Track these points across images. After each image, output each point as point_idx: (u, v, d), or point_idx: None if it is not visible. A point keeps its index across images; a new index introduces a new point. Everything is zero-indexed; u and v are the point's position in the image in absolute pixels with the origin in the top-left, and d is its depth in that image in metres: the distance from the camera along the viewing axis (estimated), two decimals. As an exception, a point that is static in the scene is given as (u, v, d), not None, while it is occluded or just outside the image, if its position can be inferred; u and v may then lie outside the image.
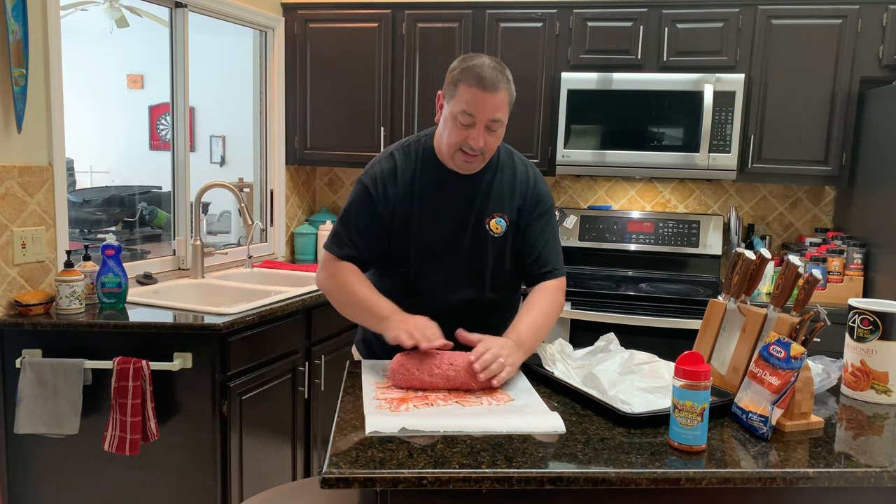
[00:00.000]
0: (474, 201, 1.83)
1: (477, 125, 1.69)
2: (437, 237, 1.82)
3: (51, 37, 2.39)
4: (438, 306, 1.79)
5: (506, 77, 1.71)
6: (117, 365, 2.20)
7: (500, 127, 1.73)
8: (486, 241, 1.83)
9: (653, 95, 3.24)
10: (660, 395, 1.49)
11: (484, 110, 1.68)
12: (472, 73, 1.67)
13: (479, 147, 1.71)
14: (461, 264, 1.83)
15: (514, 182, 1.86)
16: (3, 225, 2.28)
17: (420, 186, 1.82)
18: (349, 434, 1.33)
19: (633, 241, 3.60)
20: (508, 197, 1.85)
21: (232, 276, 3.19)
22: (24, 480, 2.37)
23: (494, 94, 1.67)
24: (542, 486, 1.19)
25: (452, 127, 1.72)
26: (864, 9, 3.09)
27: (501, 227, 1.83)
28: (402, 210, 1.81)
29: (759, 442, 1.35)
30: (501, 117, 1.71)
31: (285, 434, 2.74)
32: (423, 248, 1.82)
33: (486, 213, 1.83)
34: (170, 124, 3.20)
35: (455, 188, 1.82)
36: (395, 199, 1.81)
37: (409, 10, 3.51)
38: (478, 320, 1.79)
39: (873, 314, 1.61)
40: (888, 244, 2.92)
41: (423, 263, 1.83)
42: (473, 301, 1.85)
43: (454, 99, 1.70)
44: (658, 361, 1.65)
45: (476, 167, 1.80)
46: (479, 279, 1.85)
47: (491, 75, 1.67)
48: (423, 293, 1.83)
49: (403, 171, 1.82)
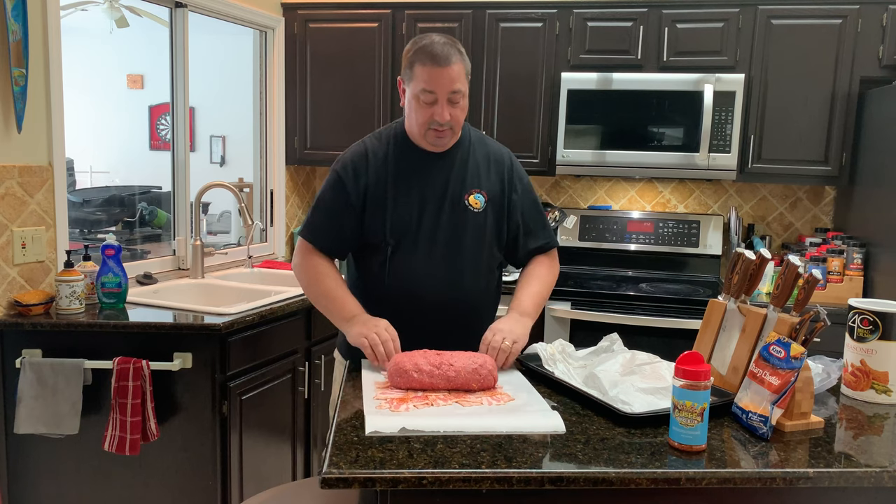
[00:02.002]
0: (450, 178, 1.86)
1: (439, 101, 1.75)
2: (412, 214, 1.84)
3: (51, 37, 2.39)
4: (417, 289, 1.81)
5: (457, 50, 1.77)
6: (117, 365, 2.20)
7: (462, 98, 1.79)
8: (465, 216, 1.85)
9: (653, 95, 3.24)
10: (660, 395, 1.49)
11: (442, 84, 1.73)
12: (424, 52, 1.74)
13: (445, 121, 1.77)
14: (440, 241, 1.84)
15: (489, 159, 1.91)
16: (3, 225, 2.28)
17: (393, 166, 1.86)
18: (349, 434, 1.33)
19: (633, 241, 3.60)
20: (485, 173, 1.89)
21: (232, 276, 3.19)
22: (24, 480, 2.37)
23: (448, 66, 1.73)
24: (542, 486, 1.19)
25: (417, 107, 1.78)
26: (864, 9, 3.09)
27: (480, 202, 1.87)
28: (375, 190, 1.84)
29: (759, 442, 1.35)
30: (460, 88, 1.76)
31: (285, 434, 2.74)
32: (398, 226, 1.83)
33: (464, 189, 1.86)
34: (170, 124, 3.20)
35: (429, 166, 1.86)
36: (368, 181, 1.84)
37: (409, 10, 3.51)
38: (457, 304, 1.83)
39: (873, 314, 1.61)
40: (888, 244, 2.92)
41: (400, 241, 1.83)
42: (453, 282, 1.85)
43: (413, 80, 1.77)
44: (660, 362, 1.64)
45: (448, 142, 1.84)
46: (459, 257, 1.85)
47: (442, 50, 1.73)
48: (402, 275, 1.83)
49: (374, 153, 1.87)
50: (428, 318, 1.81)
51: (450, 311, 1.83)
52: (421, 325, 1.80)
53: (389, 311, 1.79)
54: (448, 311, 1.83)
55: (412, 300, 1.81)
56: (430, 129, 1.79)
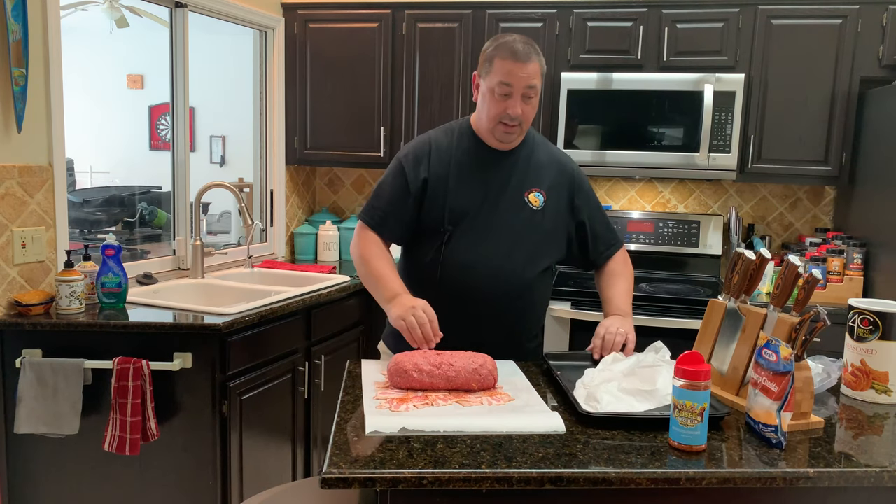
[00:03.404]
0: (512, 173, 1.92)
1: (514, 95, 1.81)
2: (472, 201, 1.89)
3: (51, 37, 2.39)
4: (470, 276, 1.86)
5: (536, 50, 1.84)
6: (117, 365, 2.20)
7: (536, 95, 1.85)
8: (523, 213, 1.90)
9: (653, 95, 3.24)
10: (641, 398, 1.47)
11: (519, 79, 1.79)
12: (505, 48, 1.81)
13: (517, 115, 1.82)
14: (495, 232, 1.89)
15: (553, 162, 1.97)
16: (3, 225, 2.28)
17: (457, 158, 1.92)
18: (349, 434, 1.33)
19: (633, 241, 3.60)
20: (547, 174, 1.95)
21: (232, 276, 3.19)
22: (24, 480, 2.37)
23: (527, 63, 1.79)
24: (542, 486, 1.19)
25: (491, 100, 1.84)
26: (864, 9, 3.09)
27: (540, 200, 1.92)
28: (436, 179, 1.90)
29: (759, 442, 1.35)
30: (536, 84, 1.82)
31: (285, 434, 2.74)
32: (456, 214, 1.88)
33: (524, 185, 1.91)
34: (170, 124, 3.20)
35: (492, 161, 1.92)
36: (429, 170, 1.90)
37: (409, 10, 3.51)
38: (508, 294, 1.87)
39: (873, 314, 1.61)
40: (888, 244, 2.92)
41: (457, 227, 1.88)
42: (506, 272, 1.88)
43: (490, 74, 1.83)
44: (660, 366, 1.61)
45: (515, 139, 1.90)
46: (514, 250, 1.89)
47: (523, 48, 1.81)
48: (456, 262, 1.87)
49: (439, 144, 1.94)
50: (478, 306, 1.86)
51: (500, 301, 1.87)
52: (472, 312, 1.86)
53: (440, 297, 1.84)
54: (498, 300, 1.87)
55: (464, 287, 1.87)
56: (501, 122, 1.84)
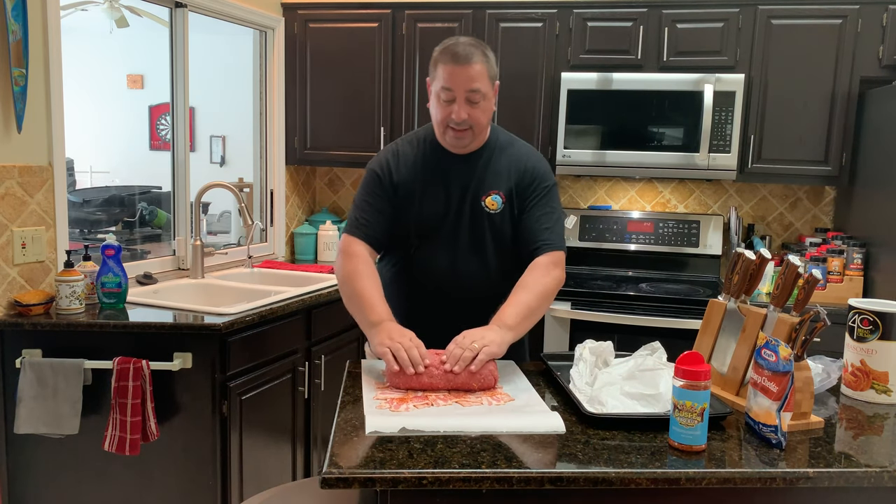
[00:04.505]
0: (471, 179, 1.89)
1: (457, 99, 1.77)
2: (436, 214, 1.88)
3: (51, 37, 2.39)
4: (439, 286, 1.87)
5: (482, 52, 1.78)
6: (117, 365, 2.20)
7: (482, 99, 1.78)
8: (482, 218, 1.88)
9: (653, 95, 3.24)
10: (645, 402, 1.47)
11: (460, 82, 1.75)
12: (447, 52, 1.77)
13: (461, 119, 1.77)
14: (461, 241, 1.88)
15: (513, 162, 1.93)
16: (3, 225, 2.28)
17: (423, 168, 1.90)
18: (349, 434, 1.33)
19: (633, 241, 3.60)
20: (506, 175, 1.90)
21: (232, 276, 3.18)
22: (24, 480, 2.37)
23: (468, 66, 1.74)
24: (542, 486, 1.19)
25: (437, 105, 1.81)
26: (864, 9, 3.09)
27: (497, 203, 1.88)
28: (406, 190, 1.89)
29: (759, 442, 1.35)
30: (479, 88, 1.76)
31: (285, 434, 2.74)
32: (423, 225, 1.88)
33: (482, 190, 1.88)
34: (170, 124, 3.20)
35: (454, 168, 1.89)
36: (399, 180, 1.89)
37: (409, 10, 3.51)
38: (478, 304, 1.85)
39: (873, 314, 1.61)
40: (888, 244, 2.92)
41: (424, 240, 1.88)
42: (474, 280, 1.89)
43: (435, 79, 1.81)
44: (662, 369, 1.60)
45: (467, 143, 1.85)
46: (479, 258, 1.89)
47: (464, 50, 1.75)
48: (427, 272, 1.88)
49: (406, 155, 1.92)
50: (449, 314, 1.83)
51: (471, 308, 1.85)
52: (443, 319, 1.79)
53: (408, 304, 1.85)
54: (469, 307, 1.85)
55: (432, 297, 1.87)
56: (449, 127, 1.81)
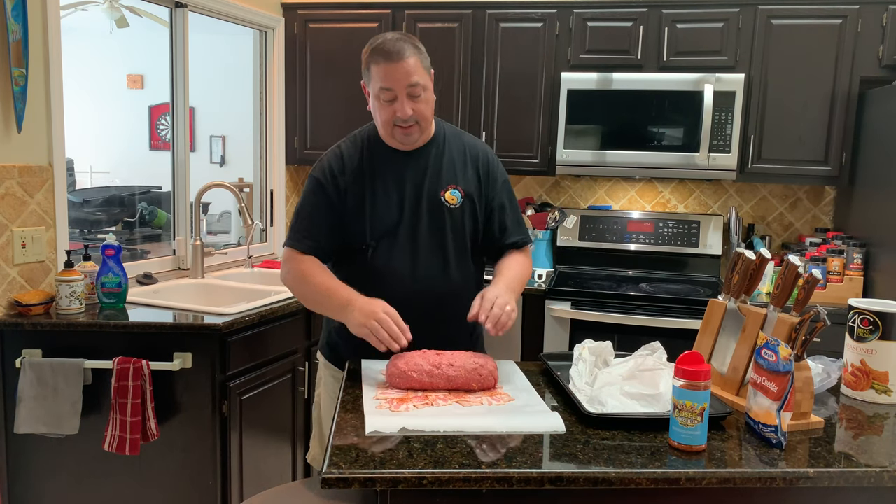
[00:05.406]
0: (426, 175, 1.85)
1: (399, 97, 1.74)
2: (391, 213, 1.83)
3: (51, 37, 2.39)
4: (401, 289, 1.78)
5: (412, 44, 1.76)
6: (117, 365, 2.20)
7: (423, 91, 1.77)
8: (442, 213, 1.84)
9: (653, 95, 3.24)
10: (645, 402, 1.46)
11: (397, 79, 1.73)
12: (377, 51, 1.75)
13: (407, 115, 1.75)
14: (421, 239, 1.83)
15: (465, 154, 1.90)
16: (3, 225, 2.28)
17: (369, 167, 1.85)
18: (349, 434, 1.33)
19: (633, 241, 3.60)
20: (461, 168, 1.88)
21: (232, 276, 3.19)
22: (24, 480, 2.37)
23: (402, 61, 1.72)
24: (542, 486, 1.19)
25: (379, 107, 1.79)
26: (864, 9, 3.09)
27: (457, 198, 1.86)
28: (354, 192, 1.84)
29: (759, 442, 1.35)
30: (418, 81, 1.75)
31: (285, 434, 2.74)
32: (378, 226, 1.82)
33: (440, 185, 1.85)
34: (170, 124, 3.20)
35: (404, 164, 1.86)
36: (346, 183, 1.84)
37: (409, 10, 3.51)
38: (440, 303, 1.81)
39: (873, 314, 1.61)
40: (888, 244, 2.92)
41: (381, 241, 1.82)
42: (436, 279, 1.84)
43: (371, 81, 1.78)
44: (661, 369, 1.60)
45: (416, 138, 1.83)
46: (440, 255, 1.84)
47: (394, 46, 1.73)
48: (385, 275, 1.81)
49: (350, 156, 1.87)
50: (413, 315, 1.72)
51: (434, 307, 1.80)
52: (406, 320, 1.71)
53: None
54: (433, 306, 1.80)
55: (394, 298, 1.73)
56: (396, 126, 1.78)
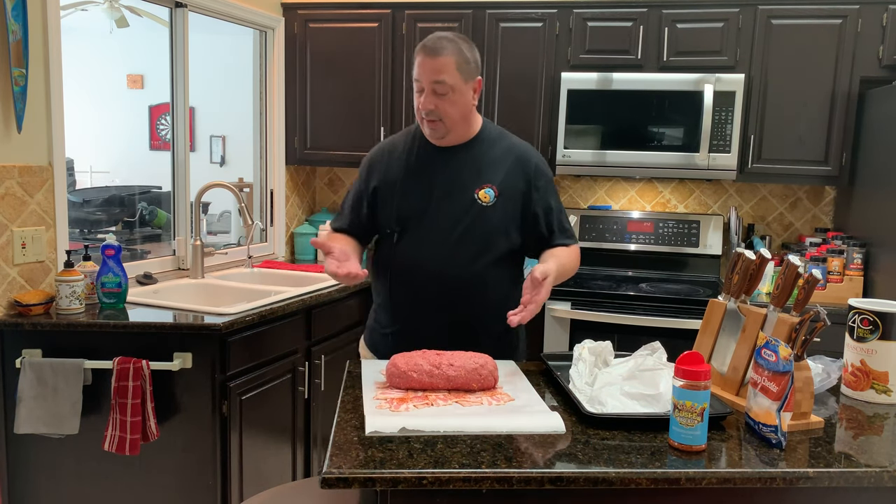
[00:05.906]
0: (462, 171, 1.90)
1: (425, 89, 1.80)
2: (419, 202, 1.89)
3: (51, 37, 2.39)
4: (419, 276, 1.88)
5: (455, 47, 1.79)
6: (117, 365, 2.20)
7: (450, 91, 1.80)
8: (471, 209, 1.87)
9: (653, 95, 3.24)
10: (645, 402, 1.46)
11: (425, 73, 1.79)
12: (422, 44, 1.82)
13: (427, 109, 1.81)
14: (445, 232, 1.88)
15: (510, 155, 1.94)
16: (3, 225, 2.28)
17: (409, 158, 1.94)
18: (349, 434, 1.33)
19: (633, 241, 3.60)
20: (502, 169, 1.91)
21: (232, 276, 3.18)
22: (24, 480, 2.37)
23: (435, 57, 1.77)
24: (542, 486, 1.19)
25: (415, 97, 1.86)
26: (864, 9, 3.09)
27: (490, 196, 1.89)
28: (387, 183, 1.93)
29: (759, 442, 1.35)
30: (445, 79, 1.78)
31: (285, 434, 2.74)
32: (403, 214, 1.90)
33: (475, 183, 1.89)
34: (170, 124, 3.20)
35: (443, 160, 1.92)
36: (386, 169, 1.94)
37: (409, 10, 3.51)
38: (457, 291, 1.87)
39: (873, 314, 1.61)
40: (888, 244, 2.92)
41: (405, 229, 1.90)
42: (459, 265, 1.88)
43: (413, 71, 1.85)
44: (662, 369, 1.60)
45: (441, 135, 1.87)
46: (467, 249, 1.88)
47: (434, 42, 1.79)
48: (407, 262, 1.90)
49: (395, 146, 1.98)
50: (430, 302, 1.88)
51: (450, 295, 1.87)
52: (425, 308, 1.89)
53: (396, 293, 1.91)
54: (447, 295, 1.87)
55: (414, 285, 1.89)
56: (422, 118, 1.85)
